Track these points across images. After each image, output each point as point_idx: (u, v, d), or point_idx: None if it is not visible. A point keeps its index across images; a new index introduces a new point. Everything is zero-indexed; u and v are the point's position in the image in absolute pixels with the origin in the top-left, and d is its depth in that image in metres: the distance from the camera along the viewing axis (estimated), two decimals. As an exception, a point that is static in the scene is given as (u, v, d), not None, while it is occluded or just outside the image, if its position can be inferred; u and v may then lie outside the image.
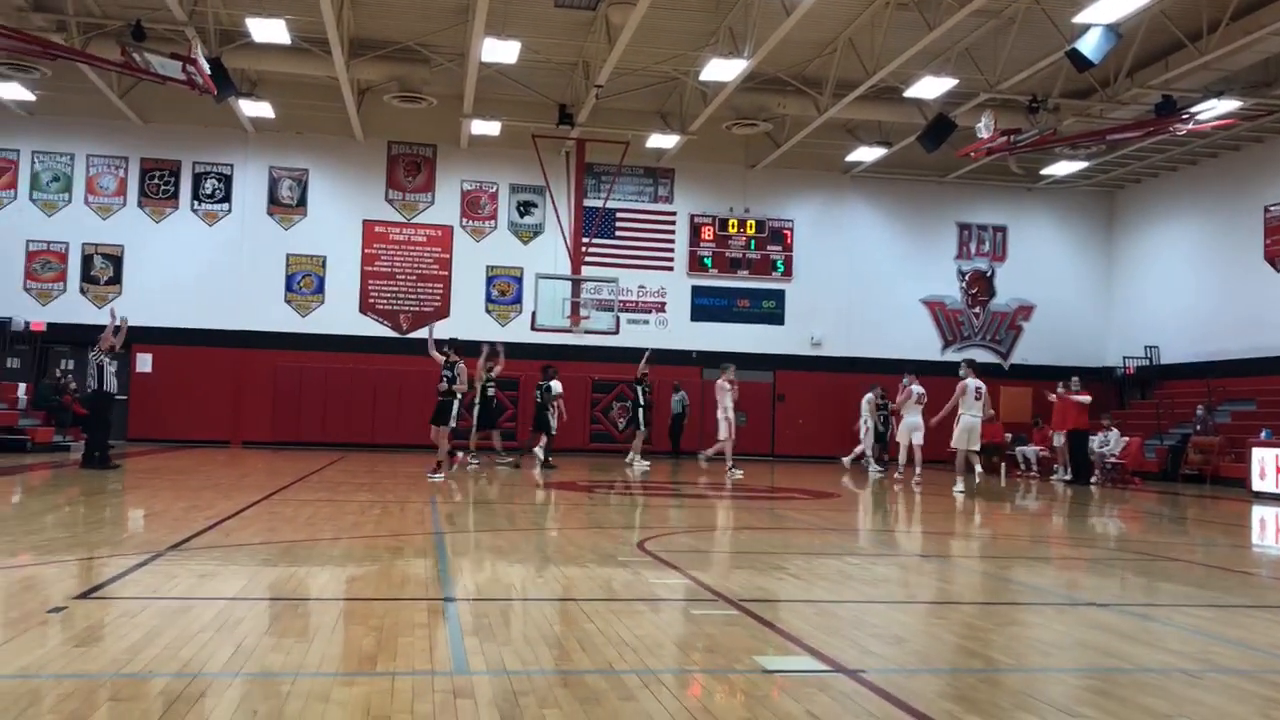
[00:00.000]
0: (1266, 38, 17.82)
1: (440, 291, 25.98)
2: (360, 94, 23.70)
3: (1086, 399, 20.27)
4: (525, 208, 26.42)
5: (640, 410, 20.62)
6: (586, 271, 26.03)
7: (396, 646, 4.75)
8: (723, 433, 19.46)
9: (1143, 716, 3.92)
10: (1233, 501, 16.95)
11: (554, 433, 19.32)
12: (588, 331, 25.63)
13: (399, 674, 4.27)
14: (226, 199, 25.32)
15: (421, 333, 25.54)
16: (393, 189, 25.94)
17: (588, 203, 26.36)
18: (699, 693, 4.19)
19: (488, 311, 26.12)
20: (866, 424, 21.74)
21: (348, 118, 23.92)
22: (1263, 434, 19.23)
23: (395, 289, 25.80)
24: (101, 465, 15.28)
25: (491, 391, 19.24)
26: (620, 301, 26.17)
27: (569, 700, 3.96)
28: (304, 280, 25.48)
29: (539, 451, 18.91)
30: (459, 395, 15.42)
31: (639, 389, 20.66)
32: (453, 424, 15.46)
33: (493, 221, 26.33)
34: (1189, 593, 7.44)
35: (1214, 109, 20.01)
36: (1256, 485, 17.95)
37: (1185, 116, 19.66)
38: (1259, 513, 14.99)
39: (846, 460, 21.77)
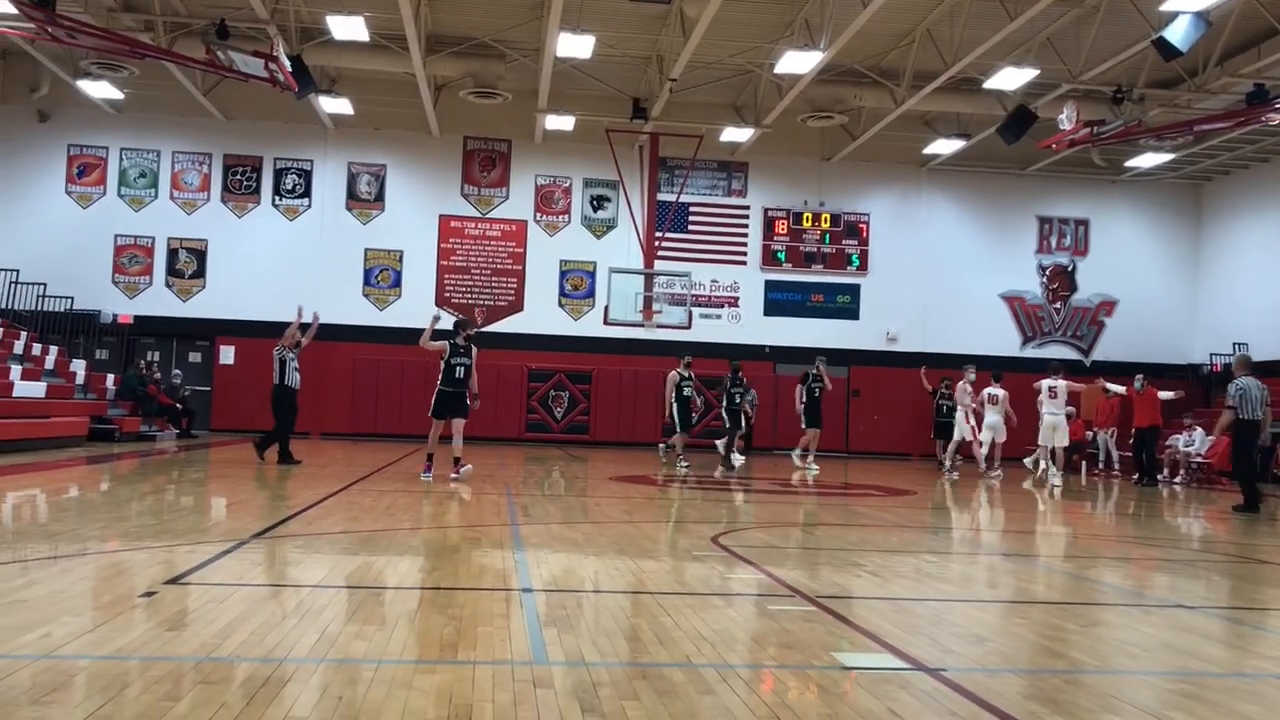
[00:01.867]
0: (1365, 23, 17.20)
1: (514, 286, 26.20)
2: (437, 90, 23.99)
3: (1168, 395, 19.65)
4: (599, 202, 26.52)
5: (809, 407, 19.58)
6: (659, 266, 26.03)
7: (476, 636, 4.79)
8: (965, 434, 19.14)
9: (1237, 722, 3.82)
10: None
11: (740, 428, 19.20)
12: (660, 326, 25.64)
13: (479, 663, 4.31)
14: (306, 194, 25.80)
15: (498, 326, 25.88)
16: (468, 184, 26.21)
17: (661, 197, 26.36)
18: (777, 688, 4.16)
19: (561, 305, 26.27)
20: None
21: (424, 114, 24.22)
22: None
23: (471, 283, 26.07)
24: (260, 452, 15.53)
25: (688, 392, 18.52)
26: (693, 296, 26.15)
27: (648, 692, 3.96)
28: (381, 274, 25.88)
29: (733, 455, 18.64)
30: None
31: (807, 387, 19.67)
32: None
33: (566, 216, 26.47)
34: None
35: (1309, 98, 19.34)
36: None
37: (1278, 106, 19.03)
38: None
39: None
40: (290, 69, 18.72)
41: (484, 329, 25.52)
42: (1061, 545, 10.30)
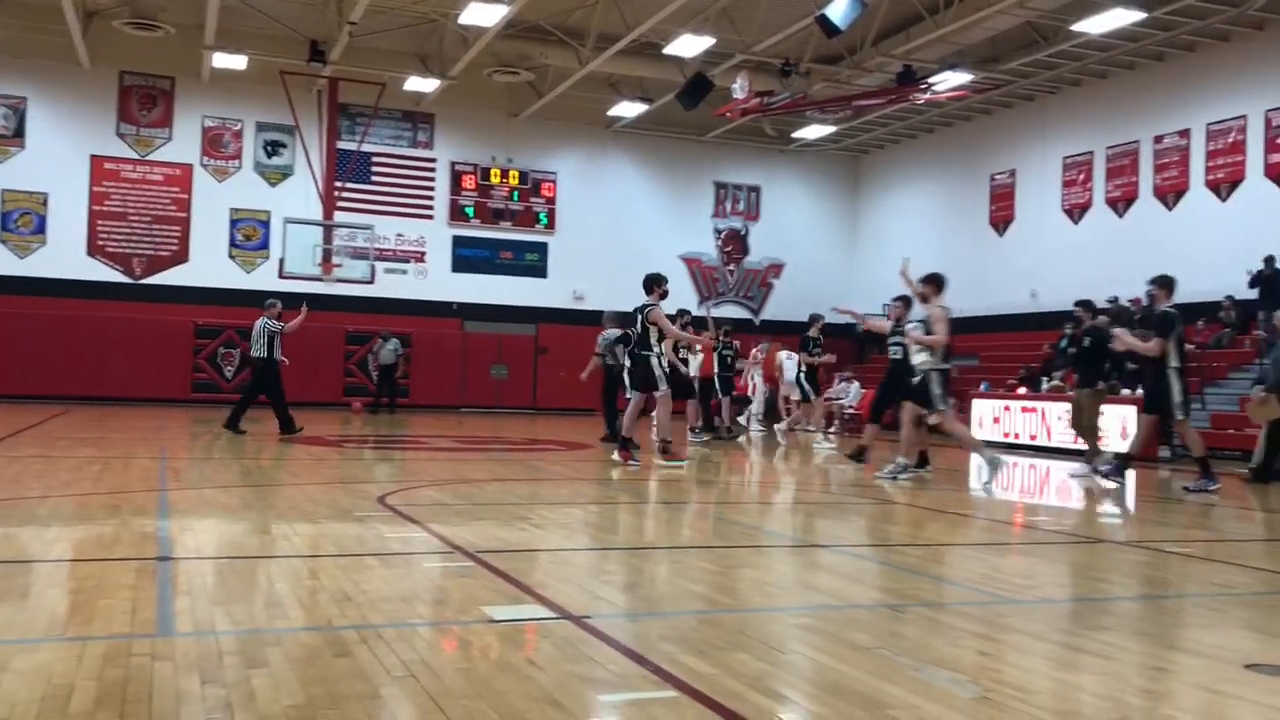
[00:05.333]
0: (994, 15, 19.01)
1: (178, 234, 24.42)
2: (87, 17, 21.78)
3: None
4: (273, 148, 25.13)
5: (809, 375, 18.35)
6: (340, 217, 25.09)
7: (95, 609, 4.41)
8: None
9: (846, 650, 4.11)
10: (956, 449, 18.20)
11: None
12: (341, 280, 24.78)
13: (93, 639, 3.95)
14: (-71, 126, 22.86)
15: (158, 278, 24.04)
16: (125, 123, 24.09)
17: (341, 145, 25.36)
18: (419, 646, 4.08)
19: (231, 257, 24.78)
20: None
21: (73, 43, 21.95)
22: (982, 387, 20.77)
23: (128, 231, 24.04)
24: (288, 430, 14.43)
25: (683, 355, 16.71)
26: (376, 249, 25.41)
27: (278, 659, 3.77)
28: (22, 219, 23.35)
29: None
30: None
31: (809, 352, 18.35)
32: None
33: (237, 161, 24.92)
34: (906, 533, 7.91)
35: (948, 80, 21.25)
36: (976, 434, 19.34)
37: (923, 86, 20.80)
38: (977, 460, 16.14)
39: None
40: (-97, -20, 16.42)
41: (142, 280, 23.70)
42: (723, 492, 10.85)
